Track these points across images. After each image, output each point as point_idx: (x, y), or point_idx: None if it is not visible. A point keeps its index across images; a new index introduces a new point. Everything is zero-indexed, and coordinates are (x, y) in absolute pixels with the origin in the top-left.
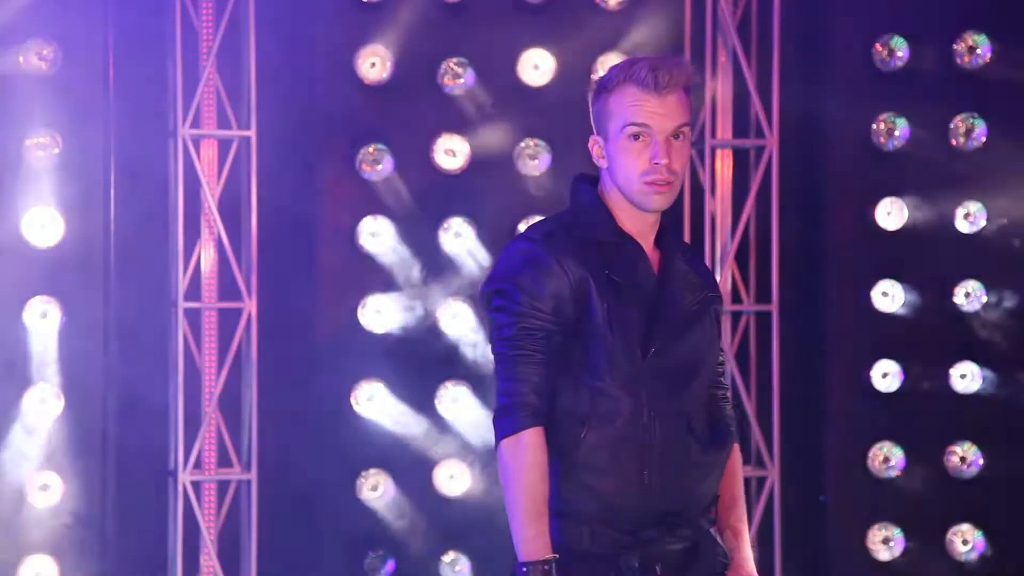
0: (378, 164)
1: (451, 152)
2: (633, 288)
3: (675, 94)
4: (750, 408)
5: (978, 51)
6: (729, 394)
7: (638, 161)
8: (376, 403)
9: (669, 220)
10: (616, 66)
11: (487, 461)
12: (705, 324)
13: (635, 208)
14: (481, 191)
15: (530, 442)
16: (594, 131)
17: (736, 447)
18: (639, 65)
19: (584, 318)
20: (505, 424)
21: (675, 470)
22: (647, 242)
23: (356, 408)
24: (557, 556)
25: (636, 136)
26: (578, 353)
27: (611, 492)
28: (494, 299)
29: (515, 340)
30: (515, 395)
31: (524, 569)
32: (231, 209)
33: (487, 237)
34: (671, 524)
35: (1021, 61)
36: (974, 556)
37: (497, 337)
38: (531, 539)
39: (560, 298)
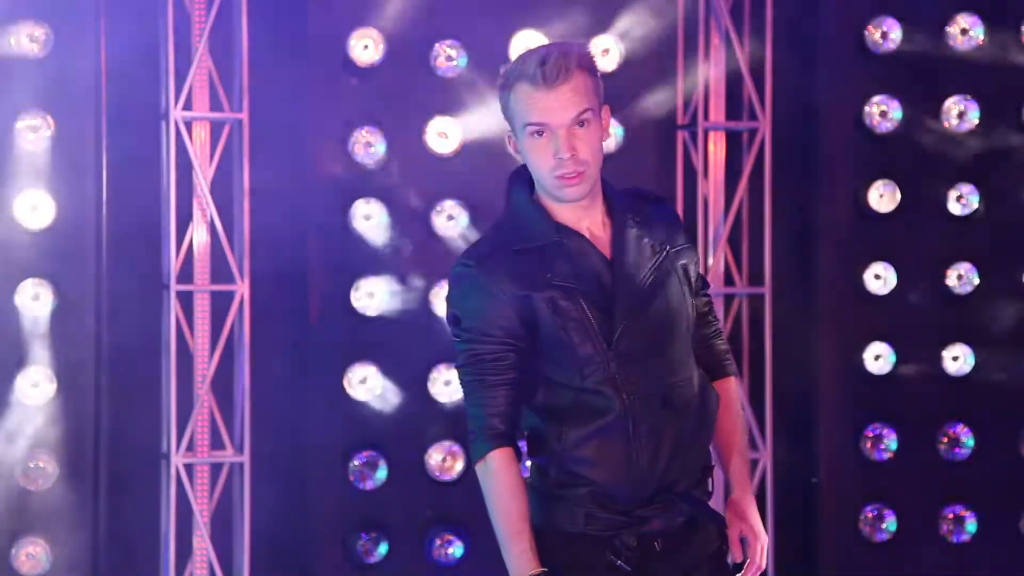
0: (371, 147)
1: (444, 135)
2: (584, 282)
3: (569, 83)
4: (742, 390)
5: (970, 33)
6: (720, 326)
7: (544, 157)
8: (369, 385)
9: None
10: (514, 60)
11: None
12: (671, 286)
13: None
14: (474, 174)
15: (496, 466)
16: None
17: (731, 380)
18: (530, 59)
19: (539, 330)
20: (474, 450)
21: (662, 449)
22: (594, 222)
23: (349, 391)
24: (545, 570)
25: (539, 133)
26: (547, 360)
27: (601, 481)
28: (451, 326)
29: (469, 368)
30: (477, 420)
31: None
32: (223, 192)
33: (480, 220)
34: (666, 501)
35: (1013, 43)
36: (966, 538)
37: (457, 367)
38: (516, 558)
39: (507, 318)
